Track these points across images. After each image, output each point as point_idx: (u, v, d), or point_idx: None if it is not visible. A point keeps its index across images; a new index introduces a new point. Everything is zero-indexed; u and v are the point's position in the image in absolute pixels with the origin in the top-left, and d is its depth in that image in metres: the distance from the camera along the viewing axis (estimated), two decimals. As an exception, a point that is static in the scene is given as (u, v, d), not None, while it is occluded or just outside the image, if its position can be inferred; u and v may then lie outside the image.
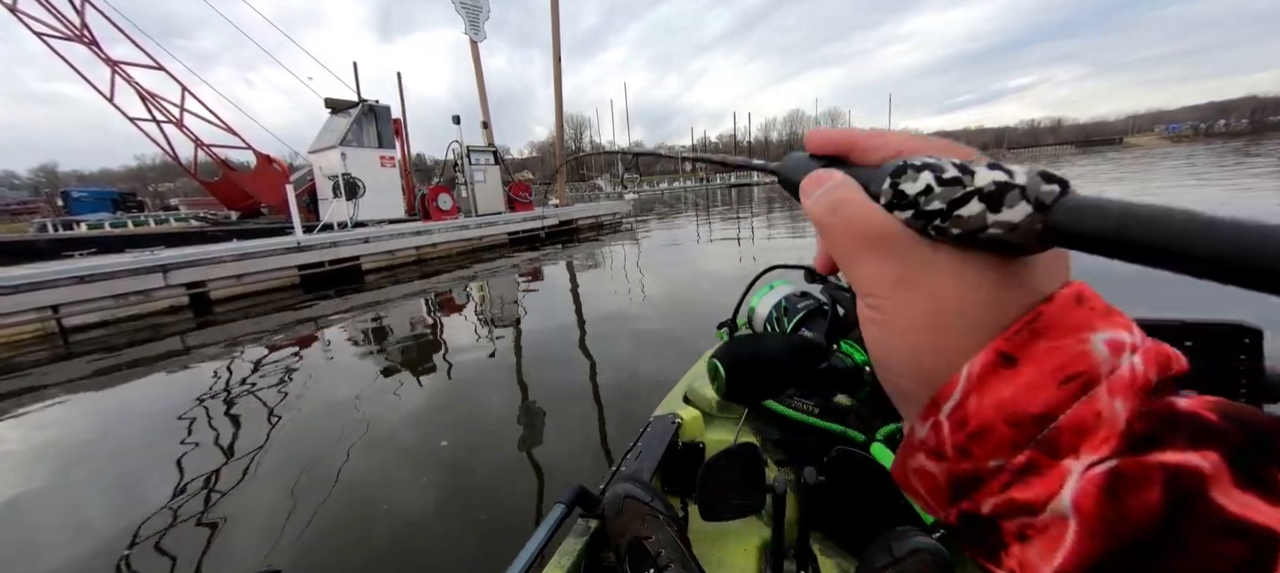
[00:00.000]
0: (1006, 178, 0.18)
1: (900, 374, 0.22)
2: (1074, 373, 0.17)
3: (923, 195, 0.20)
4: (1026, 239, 0.18)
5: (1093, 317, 0.19)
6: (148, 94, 12.38)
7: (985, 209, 0.18)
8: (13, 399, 3.90)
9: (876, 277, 0.21)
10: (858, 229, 0.22)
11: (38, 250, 11.02)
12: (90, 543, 2.08)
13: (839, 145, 0.25)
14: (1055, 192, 0.17)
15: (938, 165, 0.20)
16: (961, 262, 0.19)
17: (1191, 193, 11.17)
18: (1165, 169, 20.30)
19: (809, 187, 0.25)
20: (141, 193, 34.56)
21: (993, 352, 0.19)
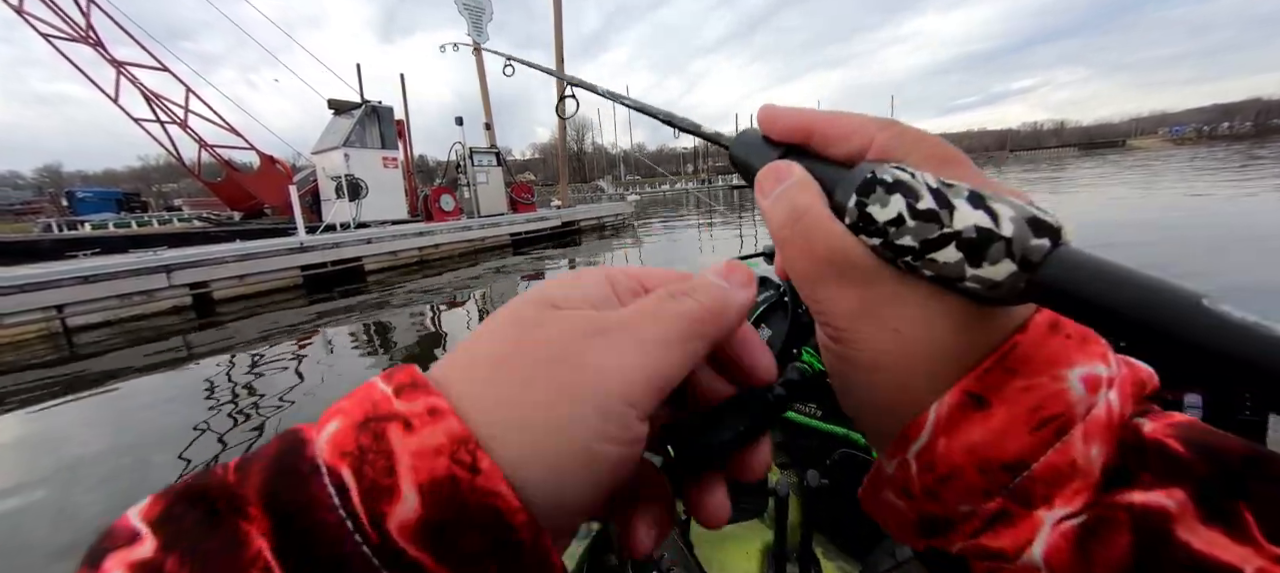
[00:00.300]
0: (990, 225, 0.16)
1: (862, 409, 0.20)
2: (1048, 416, 0.16)
3: (893, 225, 0.17)
4: (1008, 298, 0.16)
5: (1068, 348, 0.17)
6: (152, 95, 12.44)
7: (963, 260, 0.16)
8: (16, 397, 3.92)
9: (836, 305, 0.19)
10: (817, 249, 0.19)
11: (42, 250, 11.07)
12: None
13: (798, 130, 0.22)
14: (1046, 247, 0.15)
15: (912, 188, 0.17)
16: (930, 296, 0.18)
17: (1199, 203, 11.13)
18: (1171, 172, 20.23)
19: (765, 182, 0.22)
20: (145, 193, 34.73)
21: (961, 392, 0.17)
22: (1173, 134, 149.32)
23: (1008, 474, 0.16)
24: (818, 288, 0.20)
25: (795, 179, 0.20)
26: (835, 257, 0.19)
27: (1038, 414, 0.16)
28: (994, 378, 0.17)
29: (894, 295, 0.18)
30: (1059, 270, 0.15)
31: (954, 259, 0.16)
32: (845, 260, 0.18)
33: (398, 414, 0.14)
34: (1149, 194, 12.37)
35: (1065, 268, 0.15)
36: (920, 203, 0.17)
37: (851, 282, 0.19)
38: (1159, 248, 6.00)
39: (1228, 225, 7.33)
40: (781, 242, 0.21)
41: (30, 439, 3.26)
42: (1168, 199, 11.01)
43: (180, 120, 12.84)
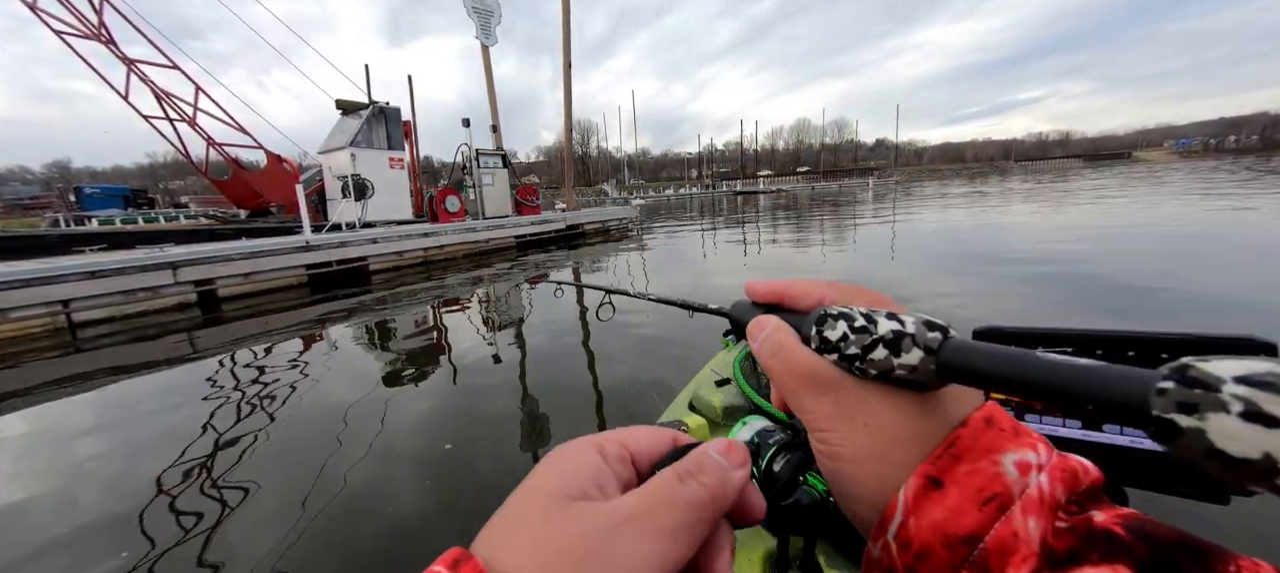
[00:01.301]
0: (900, 327, 0.22)
1: (850, 499, 0.24)
2: (991, 494, 0.20)
3: (842, 341, 0.24)
4: (926, 379, 0.22)
5: (1002, 439, 0.21)
6: (162, 93, 12.51)
7: (889, 354, 0.22)
8: (22, 396, 3.90)
9: (819, 412, 0.24)
10: (796, 370, 0.25)
11: (49, 245, 11.11)
12: (100, 535, 2.05)
13: (773, 294, 0.30)
14: (938, 339, 0.21)
15: (850, 314, 0.24)
16: (886, 395, 0.23)
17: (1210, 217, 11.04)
18: (1175, 185, 20.12)
19: (753, 330, 0.29)
20: (152, 190, 34.92)
21: (922, 476, 0.21)
22: (1179, 147, 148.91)
23: (967, 547, 0.20)
24: (803, 401, 0.25)
25: (773, 325, 0.28)
26: (808, 373, 0.25)
27: (982, 494, 0.20)
28: (944, 463, 0.21)
29: (859, 398, 0.23)
30: (951, 354, 0.21)
31: (883, 356, 0.22)
32: (817, 375, 0.24)
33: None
34: (1155, 212, 12.27)
35: (955, 351, 0.21)
36: (856, 323, 0.23)
37: (825, 390, 0.24)
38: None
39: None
40: (771, 371, 0.27)
41: (34, 433, 3.23)
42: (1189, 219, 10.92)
43: (189, 118, 12.91)
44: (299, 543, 1.97)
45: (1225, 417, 0.14)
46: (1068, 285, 5.15)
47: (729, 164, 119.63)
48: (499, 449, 2.63)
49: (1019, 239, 8.55)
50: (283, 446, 2.81)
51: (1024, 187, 27.18)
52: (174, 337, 5.45)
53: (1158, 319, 3.92)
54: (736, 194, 51.90)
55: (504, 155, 13.66)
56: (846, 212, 17.96)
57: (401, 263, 9.42)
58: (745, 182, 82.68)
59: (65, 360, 4.80)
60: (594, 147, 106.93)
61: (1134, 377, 0.16)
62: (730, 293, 4.11)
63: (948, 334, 0.21)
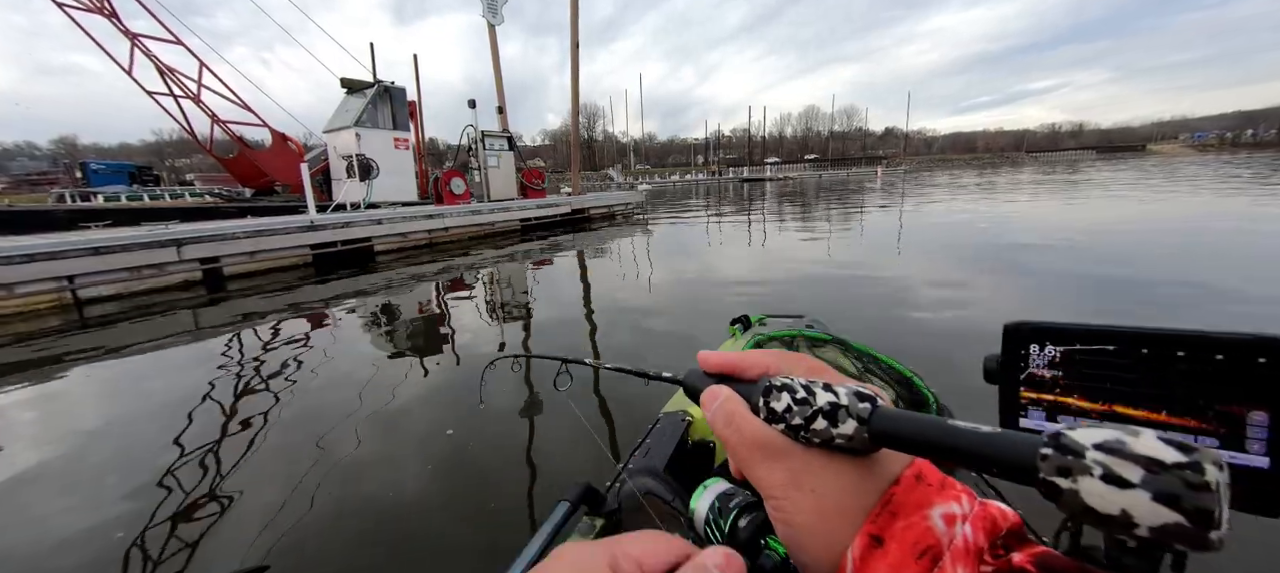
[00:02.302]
0: (835, 398, 0.24)
1: (804, 560, 0.25)
2: (924, 547, 0.22)
3: (787, 412, 0.25)
4: (861, 446, 0.24)
5: (929, 493, 0.23)
6: (166, 69, 12.42)
7: (827, 425, 0.24)
8: (31, 369, 3.90)
9: (770, 479, 0.26)
10: (748, 439, 0.27)
11: (55, 221, 11.13)
12: (99, 514, 2.04)
13: (724, 365, 0.32)
14: (868, 408, 0.24)
15: (792, 386, 0.26)
16: (830, 459, 0.25)
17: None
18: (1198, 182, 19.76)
19: (707, 400, 0.30)
20: (158, 167, 34.95)
21: (865, 535, 0.23)
22: (1195, 140, 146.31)
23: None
24: (756, 468, 0.27)
25: (725, 394, 0.29)
26: (760, 442, 0.26)
27: (917, 547, 0.22)
28: (883, 520, 0.23)
29: (805, 464, 0.25)
30: (881, 422, 0.23)
31: (823, 426, 0.24)
32: (767, 443, 0.26)
33: None
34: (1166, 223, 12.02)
35: (883, 420, 0.23)
36: (798, 395, 0.25)
37: (775, 458, 0.26)
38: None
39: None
40: (725, 440, 0.28)
41: (41, 407, 3.23)
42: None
43: (193, 95, 12.83)
44: (298, 523, 1.95)
45: (1091, 479, 0.16)
46: (1089, 282, 5.05)
47: (736, 151, 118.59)
48: (501, 436, 2.60)
49: (1031, 234, 8.41)
50: (284, 425, 2.79)
51: (1034, 179, 26.81)
52: (180, 314, 5.45)
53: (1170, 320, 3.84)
54: (743, 181, 51.50)
55: (510, 138, 13.53)
56: (855, 200, 17.77)
57: (406, 245, 9.39)
58: (752, 169, 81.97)
59: (71, 336, 4.80)
60: (600, 131, 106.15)
61: (1024, 442, 0.18)
62: (740, 276, 4.04)
63: (876, 404, 0.24)
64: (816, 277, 5.85)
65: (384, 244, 9.00)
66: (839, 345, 1.33)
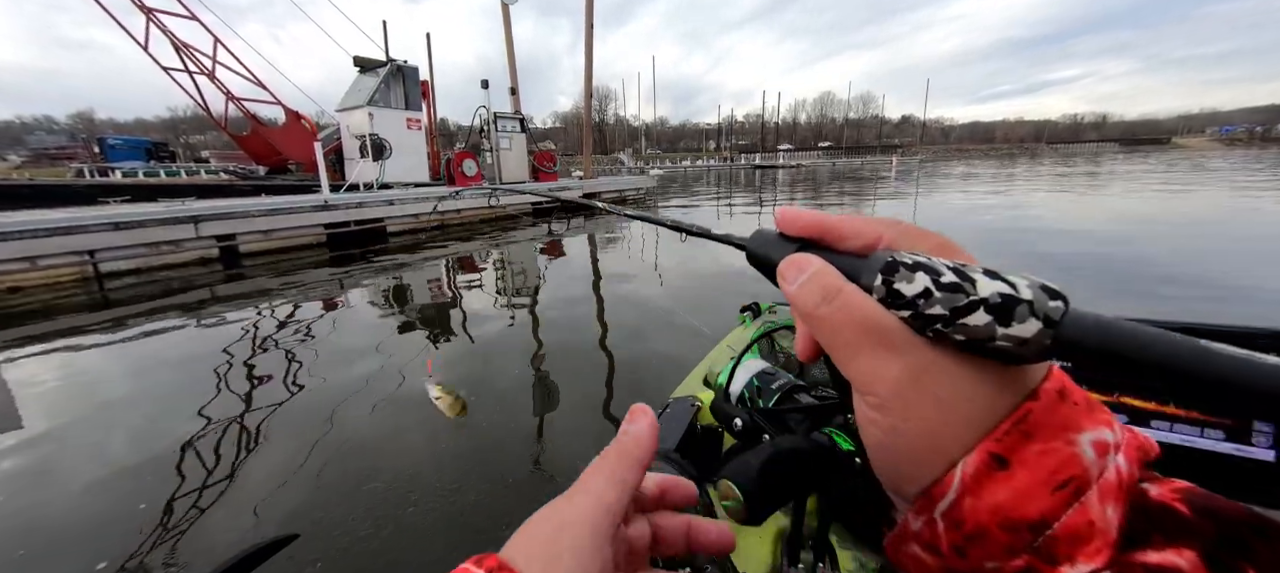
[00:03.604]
0: (1010, 291, 0.18)
1: (898, 472, 0.22)
2: (1065, 478, 0.18)
3: (921, 298, 0.20)
4: (1034, 353, 0.18)
5: (1078, 414, 0.19)
6: (181, 44, 12.43)
7: (993, 321, 0.18)
8: (53, 337, 3.99)
9: (879, 374, 0.21)
10: (857, 322, 0.21)
11: (75, 195, 11.30)
12: (127, 480, 2.09)
13: (814, 228, 0.25)
14: (1061, 308, 0.18)
15: (932, 267, 0.20)
16: (959, 363, 0.20)
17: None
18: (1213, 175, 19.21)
19: (789, 271, 0.24)
20: (173, 144, 35.28)
21: (985, 453, 0.19)
22: (1222, 134, 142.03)
23: (1032, 534, 0.18)
24: (859, 359, 0.21)
25: (820, 265, 0.23)
26: (873, 327, 0.21)
27: (1056, 476, 0.18)
28: (1012, 440, 0.19)
29: (932, 361, 0.20)
30: (1079, 325, 0.17)
31: (983, 322, 0.19)
32: (882, 330, 0.21)
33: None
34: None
35: (1082, 326, 0.17)
36: (943, 278, 0.20)
37: (893, 351, 0.20)
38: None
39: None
40: (818, 319, 0.23)
41: (65, 379, 3.31)
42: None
43: (208, 71, 12.85)
44: (310, 496, 1.98)
45: None
46: (1110, 276, 4.95)
47: (748, 136, 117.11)
48: (511, 414, 2.61)
49: (1049, 226, 8.24)
50: (299, 400, 2.83)
51: (1056, 171, 26.22)
52: (197, 290, 5.53)
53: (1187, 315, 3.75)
54: (755, 168, 50.93)
55: (522, 119, 13.45)
56: (868, 189, 17.51)
57: (418, 225, 9.42)
58: (764, 155, 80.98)
59: (93, 311, 4.90)
60: (611, 114, 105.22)
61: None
62: (738, 269, 3.97)
63: (1068, 302, 0.18)
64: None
65: (396, 224, 9.04)
66: None
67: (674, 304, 4.54)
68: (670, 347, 3.53)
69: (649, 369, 3.17)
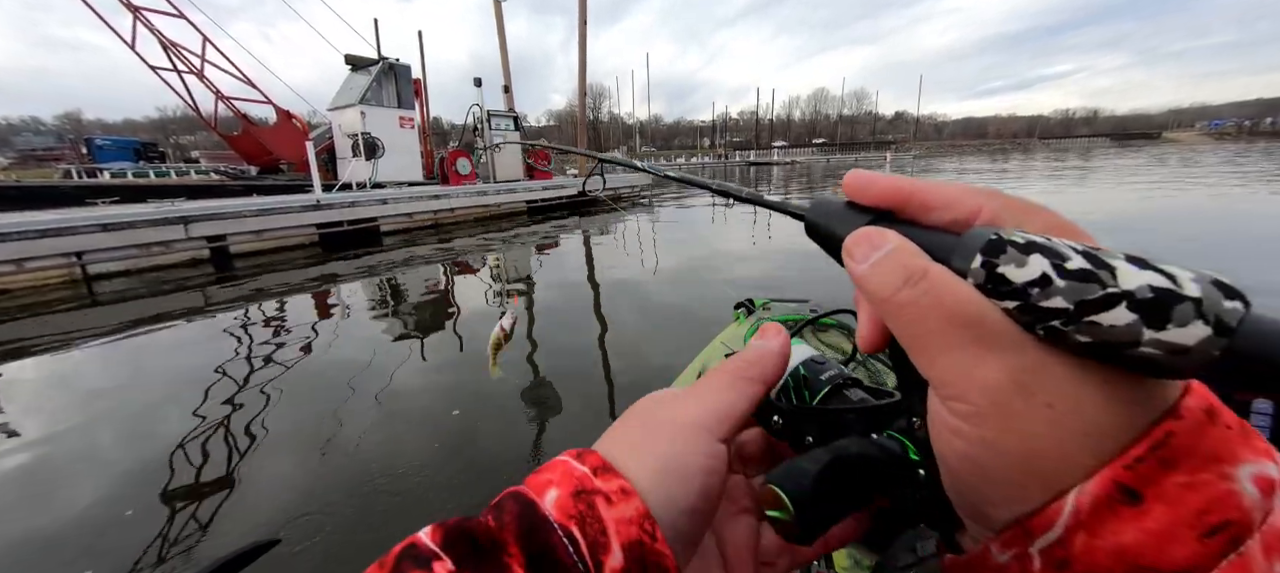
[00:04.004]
0: (1170, 285, 0.14)
1: (984, 495, 0.18)
2: (1219, 522, 0.14)
3: (1036, 286, 0.16)
4: (1193, 366, 0.14)
5: (1232, 441, 0.15)
6: (169, 43, 12.29)
7: (1139, 321, 0.14)
8: (41, 340, 3.93)
9: (972, 377, 0.17)
10: (949, 311, 0.17)
11: (63, 196, 11.16)
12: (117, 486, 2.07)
13: (891, 195, 0.21)
14: (1240, 310, 0.14)
15: (1054, 250, 0.16)
16: (1087, 370, 0.16)
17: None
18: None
19: (859, 248, 0.20)
20: (162, 144, 34.90)
21: (1110, 482, 0.15)
22: (1212, 128, 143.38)
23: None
24: (948, 357, 0.18)
25: (898, 242, 0.19)
26: (970, 319, 0.17)
27: (1207, 519, 0.14)
28: (1147, 469, 0.15)
29: (1043, 367, 0.16)
30: (1256, 336, 0.13)
31: (1127, 322, 0.15)
32: (982, 324, 0.17)
33: (600, 490, 0.19)
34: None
35: (1262, 334, 0.13)
36: (1069, 263, 0.16)
37: (992, 348, 0.17)
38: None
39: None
40: (896, 305, 0.19)
41: (52, 383, 3.26)
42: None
43: (197, 70, 12.71)
44: (306, 501, 1.96)
45: None
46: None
47: (743, 133, 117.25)
48: (506, 417, 2.60)
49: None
50: (292, 404, 2.80)
51: (1051, 165, 26.40)
52: (188, 292, 5.47)
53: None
54: (749, 165, 50.98)
55: (516, 117, 13.39)
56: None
57: (412, 225, 9.36)
58: (759, 152, 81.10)
59: (82, 312, 4.84)
60: (606, 112, 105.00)
61: None
62: (744, 256, 4.03)
63: (1248, 303, 0.14)
64: (820, 258, 5.80)
65: (390, 224, 8.98)
66: (844, 331, 1.31)
67: (670, 294, 4.53)
68: (667, 344, 3.52)
69: (648, 363, 3.16)
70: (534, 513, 0.18)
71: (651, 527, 0.19)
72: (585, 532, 0.18)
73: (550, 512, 0.18)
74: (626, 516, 0.19)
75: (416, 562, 0.17)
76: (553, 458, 0.21)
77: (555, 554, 0.17)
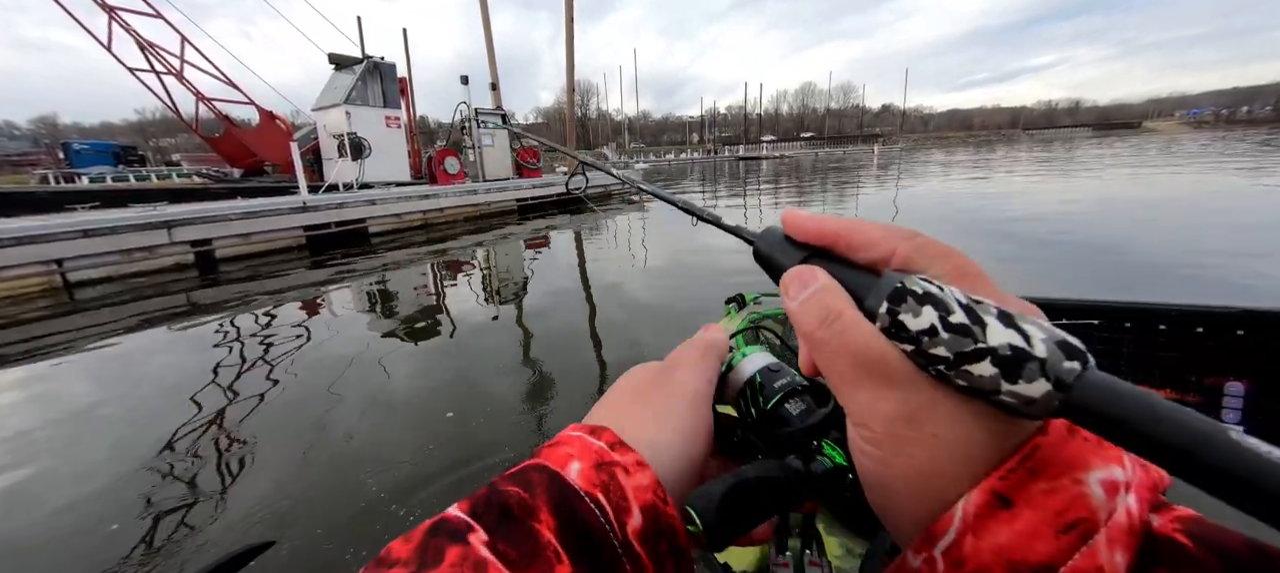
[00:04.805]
0: (1023, 345, 0.17)
1: (891, 508, 0.21)
2: (1073, 520, 0.17)
3: (926, 335, 0.18)
4: (1040, 414, 0.17)
5: (1086, 451, 0.18)
6: (147, 43, 12.03)
7: (999, 375, 0.17)
8: (19, 350, 3.85)
9: (874, 409, 0.20)
10: (855, 353, 0.20)
11: (40, 203, 10.90)
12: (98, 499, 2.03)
13: (824, 236, 0.24)
14: (1077, 370, 0.16)
15: (942, 301, 0.18)
16: (966, 404, 0.19)
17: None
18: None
19: (791, 285, 0.23)
20: (142, 147, 34.22)
21: (988, 492, 0.18)
22: (1190, 116, 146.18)
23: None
24: (857, 391, 0.21)
25: (823, 282, 0.22)
26: (872, 360, 0.20)
27: (1063, 518, 0.17)
28: (1017, 478, 0.18)
29: (932, 401, 0.19)
30: (1089, 392, 0.16)
31: (989, 375, 0.17)
32: (883, 364, 0.20)
33: (619, 463, 0.22)
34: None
35: (1094, 390, 0.16)
36: (952, 316, 0.18)
37: (889, 385, 0.20)
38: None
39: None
40: (816, 342, 0.22)
41: (32, 394, 3.20)
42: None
43: (176, 71, 12.46)
44: (297, 506, 1.95)
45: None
46: (1085, 257, 5.07)
47: (732, 128, 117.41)
48: (499, 417, 2.60)
49: (1025, 210, 8.42)
50: (282, 409, 2.78)
51: (1034, 156, 26.77)
52: (173, 297, 5.38)
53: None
54: (738, 160, 51.09)
55: (504, 115, 13.30)
56: (851, 178, 17.69)
57: (401, 225, 9.28)
58: (748, 147, 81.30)
59: (63, 319, 4.74)
60: (594, 108, 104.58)
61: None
62: (733, 249, 4.01)
63: (1087, 363, 0.17)
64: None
65: (378, 225, 8.89)
66: None
67: (662, 292, 4.54)
68: (658, 340, 3.54)
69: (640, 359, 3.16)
70: (562, 484, 0.21)
71: (663, 494, 0.22)
72: (610, 499, 0.21)
73: (576, 482, 0.21)
74: (643, 484, 0.22)
75: (451, 536, 0.18)
76: (560, 433, 0.23)
77: (585, 520, 0.20)
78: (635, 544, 0.20)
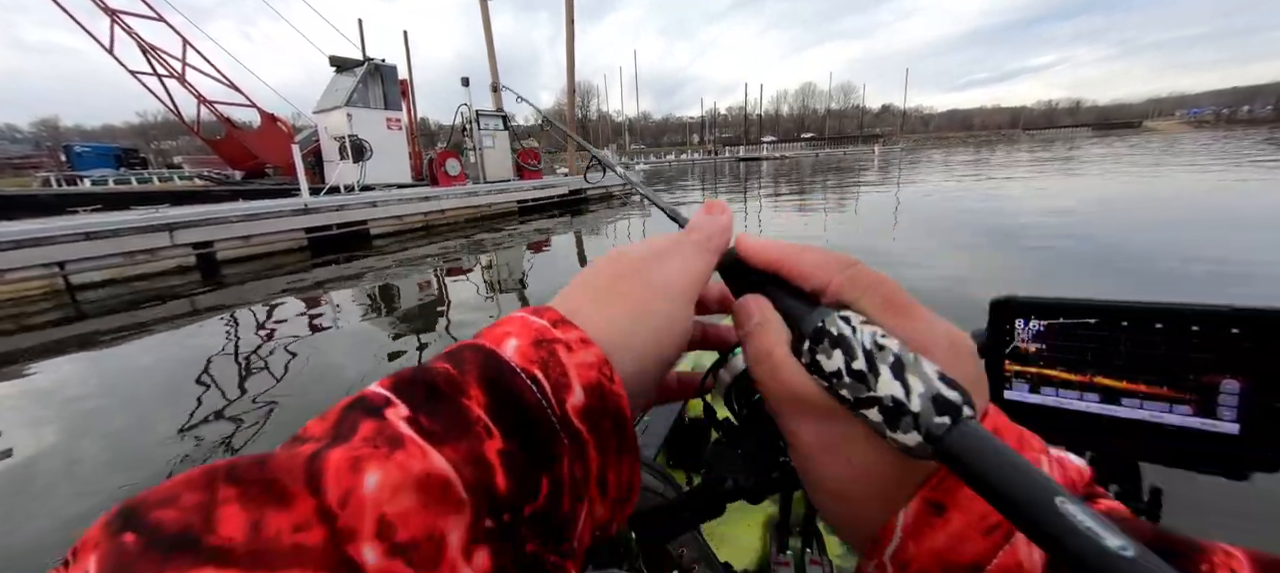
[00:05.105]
0: (903, 398, 0.18)
1: (834, 520, 0.23)
2: (995, 522, 0.19)
3: (835, 376, 0.20)
4: (920, 459, 0.18)
5: None
6: (148, 46, 12.07)
7: (882, 423, 0.19)
8: (24, 352, 3.86)
9: (800, 436, 0.22)
10: (783, 388, 0.22)
11: (42, 205, 10.93)
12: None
13: (772, 262, 0.26)
14: (946, 425, 0.17)
15: (850, 346, 0.20)
16: (871, 434, 0.20)
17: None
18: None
19: (739, 316, 0.25)
20: (144, 150, 34.31)
21: (922, 501, 0.20)
22: (1190, 116, 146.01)
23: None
24: (785, 420, 0.23)
25: (758, 321, 0.24)
26: (794, 397, 0.22)
27: (986, 521, 0.19)
28: (948, 486, 0.19)
29: (846, 433, 0.21)
30: (958, 446, 0.17)
31: (877, 420, 0.19)
32: (803, 400, 0.22)
33: (560, 340, 0.21)
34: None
35: (963, 444, 0.17)
36: (855, 363, 0.20)
37: (810, 417, 0.22)
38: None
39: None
40: (754, 374, 0.24)
41: (34, 398, 3.20)
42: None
43: (178, 74, 12.50)
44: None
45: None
46: (1085, 257, 5.07)
47: (732, 129, 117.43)
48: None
49: (1025, 212, 8.42)
50: (286, 411, 2.78)
51: (1034, 156, 26.75)
52: (175, 300, 5.38)
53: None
54: (739, 161, 51.12)
55: (505, 117, 13.31)
56: (851, 179, 17.68)
57: (402, 227, 9.28)
58: (748, 147, 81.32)
59: (67, 324, 4.75)
60: (594, 109, 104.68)
61: (1109, 556, 0.14)
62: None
63: (959, 417, 0.18)
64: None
65: (380, 227, 8.90)
66: None
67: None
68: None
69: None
70: (496, 360, 0.19)
71: (610, 371, 0.21)
72: (548, 374, 0.20)
73: (512, 358, 0.20)
74: (587, 361, 0.21)
75: (368, 410, 0.17)
76: (510, 314, 0.22)
77: (520, 395, 0.19)
78: (574, 420, 0.20)
